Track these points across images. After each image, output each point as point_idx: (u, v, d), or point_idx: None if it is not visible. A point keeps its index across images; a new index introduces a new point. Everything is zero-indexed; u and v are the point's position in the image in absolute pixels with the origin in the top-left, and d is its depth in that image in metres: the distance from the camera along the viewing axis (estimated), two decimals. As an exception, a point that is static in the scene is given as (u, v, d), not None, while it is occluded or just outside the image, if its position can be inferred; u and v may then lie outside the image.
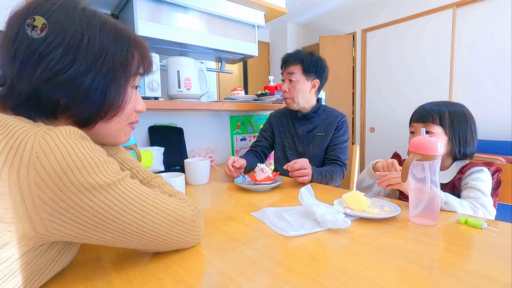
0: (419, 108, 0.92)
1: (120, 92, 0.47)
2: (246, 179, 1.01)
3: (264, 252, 0.51)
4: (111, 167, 0.40)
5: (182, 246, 0.51)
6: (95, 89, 0.43)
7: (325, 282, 0.41)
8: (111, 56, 0.44)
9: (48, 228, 0.35)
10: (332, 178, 1.14)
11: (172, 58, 1.32)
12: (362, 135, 3.87)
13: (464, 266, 0.45)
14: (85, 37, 0.41)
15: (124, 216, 0.40)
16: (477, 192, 0.77)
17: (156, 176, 0.56)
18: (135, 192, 0.42)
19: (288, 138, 1.37)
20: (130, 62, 0.48)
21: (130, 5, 1.21)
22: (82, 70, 0.41)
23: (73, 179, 0.35)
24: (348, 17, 3.87)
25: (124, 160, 0.56)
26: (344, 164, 1.24)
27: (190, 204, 0.51)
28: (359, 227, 0.62)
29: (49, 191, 0.34)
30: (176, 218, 0.46)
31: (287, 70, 1.28)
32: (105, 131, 0.49)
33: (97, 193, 0.37)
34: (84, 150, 0.37)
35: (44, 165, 0.34)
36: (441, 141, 0.86)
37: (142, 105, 0.55)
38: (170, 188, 0.55)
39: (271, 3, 1.54)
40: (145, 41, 0.52)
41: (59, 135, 0.36)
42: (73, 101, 0.42)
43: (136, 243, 0.43)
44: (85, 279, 0.44)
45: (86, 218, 0.37)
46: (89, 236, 0.39)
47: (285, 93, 1.30)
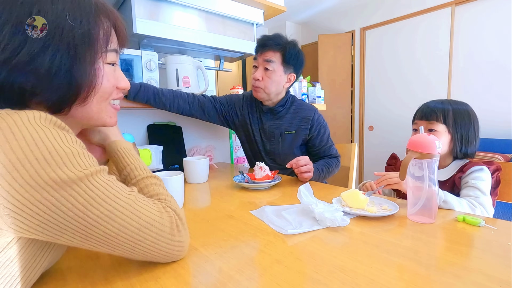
0: (423, 106, 0.92)
1: (88, 70, 0.41)
2: (245, 177, 1.02)
3: (263, 250, 0.51)
4: (83, 160, 0.36)
5: (162, 259, 0.44)
6: (58, 70, 0.38)
7: (323, 280, 0.41)
8: (69, 30, 0.38)
9: (9, 224, 0.32)
10: (329, 170, 1.14)
11: (171, 56, 1.32)
12: (361, 133, 3.87)
13: (461, 263, 0.45)
14: (35, 9, 0.36)
15: (89, 216, 0.35)
16: (477, 191, 0.78)
17: (149, 176, 0.51)
18: (105, 190, 0.37)
19: (256, 134, 1.24)
20: (94, 35, 0.41)
21: (128, 3, 1.20)
22: (37, 50, 0.36)
23: (31, 172, 0.31)
24: (347, 16, 3.86)
25: (125, 153, 0.52)
26: (337, 156, 1.23)
27: (169, 210, 0.45)
28: (357, 225, 0.62)
29: (6, 184, 0.30)
30: (148, 223, 0.40)
31: (264, 55, 1.12)
32: (84, 114, 0.44)
33: (59, 189, 0.33)
34: (51, 138, 0.33)
35: (0, 154, 0.30)
36: (444, 140, 0.86)
37: (126, 82, 0.49)
38: (156, 189, 0.49)
39: (270, 1, 1.54)
40: (112, 8, 0.45)
41: (23, 119, 0.32)
42: (37, 86, 0.38)
43: (106, 248, 0.38)
44: (84, 277, 0.44)
45: (47, 216, 0.33)
46: (54, 236, 0.35)
47: (257, 82, 1.13)
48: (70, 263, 0.47)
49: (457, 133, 0.86)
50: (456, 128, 0.86)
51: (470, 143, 0.87)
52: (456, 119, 0.86)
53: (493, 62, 2.74)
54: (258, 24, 1.60)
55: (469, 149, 0.87)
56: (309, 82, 1.98)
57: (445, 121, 0.86)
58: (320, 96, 1.96)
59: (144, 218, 0.40)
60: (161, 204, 0.45)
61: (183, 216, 0.47)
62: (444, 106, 0.88)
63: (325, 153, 1.23)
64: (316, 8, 3.86)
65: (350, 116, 3.94)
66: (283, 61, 1.13)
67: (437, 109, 0.87)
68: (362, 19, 3.70)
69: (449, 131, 0.87)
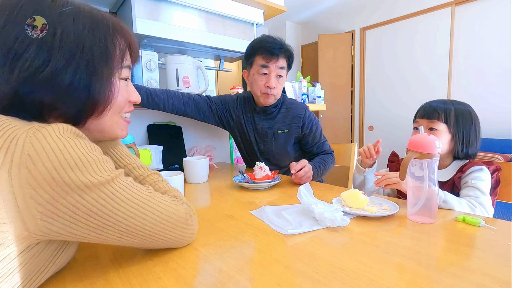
0: (425, 105, 0.92)
1: (105, 85, 0.44)
2: (245, 177, 1.02)
3: (263, 250, 0.51)
4: (105, 166, 0.39)
5: (176, 245, 0.50)
6: (77, 85, 0.41)
7: (323, 280, 0.41)
8: (89, 48, 0.41)
9: (41, 228, 0.35)
10: (326, 167, 1.15)
11: (171, 56, 1.32)
12: (361, 133, 3.87)
13: (461, 263, 0.45)
14: (58, 30, 0.39)
15: (117, 214, 0.39)
16: (476, 191, 0.78)
17: (152, 173, 0.55)
18: (128, 190, 0.42)
19: (250, 135, 1.25)
20: (112, 52, 0.45)
21: (128, 2, 1.20)
22: (60, 67, 0.39)
23: (65, 178, 0.34)
24: (347, 16, 3.86)
25: (121, 155, 0.55)
26: (331, 152, 1.23)
27: (183, 202, 0.51)
28: (357, 225, 0.62)
29: (41, 190, 0.33)
30: (168, 216, 0.46)
31: (278, 63, 1.10)
32: (98, 127, 0.47)
33: (90, 192, 0.37)
34: (77, 148, 0.36)
35: (36, 163, 0.33)
36: (444, 139, 0.86)
37: (137, 96, 0.53)
38: (165, 185, 0.54)
39: (270, 1, 1.54)
40: (127, 26, 0.49)
41: (51, 132, 0.35)
42: (57, 101, 0.40)
43: (128, 241, 0.43)
44: (84, 277, 0.44)
45: (78, 217, 0.36)
46: (82, 235, 0.38)
47: (272, 89, 1.11)
48: (70, 263, 0.47)
49: (458, 133, 0.86)
50: (457, 128, 0.86)
51: (471, 144, 0.86)
52: (458, 119, 0.86)
53: (493, 62, 2.75)
54: (258, 24, 1.60)
55: (470, 150, 0.87)
56: (309, 82, 1.98)
57: (447, 120, 0.86)
58: (320, 96, 1.96)
59: (163, 211, 0.45)
60: (175, 198, 0.50)
61: (193, 207, 0.53)
62: (446, 105, 0.87)
63: (318, 149, 1.23)
64: (316, 8, 3.86)
65: (350, 116, 3.94)
66: (288, 66, 1.16)
67: (439, 108, 0.87)
68: (362, 19, 3.70)
69: (449, 131, 0.86)
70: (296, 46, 4.46)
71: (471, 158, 0.88)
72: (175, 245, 0.50)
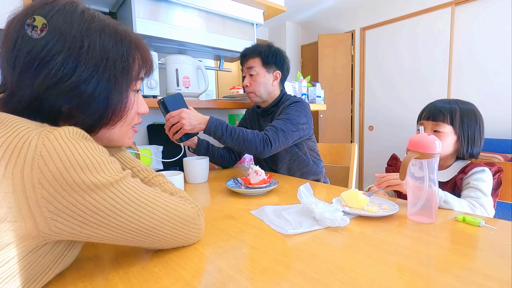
0: (429, 106, 0.90)
1: (122, 97, 0.46)
2: (239, 182, 0.95)
3: (263, 250, 0.51)
4: (113, 167, 0.40)
5: (183, 244, 0.51)
6: (98, 96, 0.43)
7: (323, 280, 0.41)
8: (113, 61, 0.43)
9: (51, 227, 0.35)
10: (239, 136, 1.01)
11: (171, 56, 1.32)
12: (361, 133, 3.87)
13: (461, 263, 0.45)
14: (85, 42, 0.41)
15: (126, 213, 0.40)
16: (478, 192, 0.78)
17: (157, 175, 0.56)
18: (136, 190, 0.42)
19: None
20: (132, 66, 0.47)
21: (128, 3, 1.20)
22: (84, 78, 0.41)
23: (76, 178, 0.35)
24: (347, 16, 3.86)
25: (125, 159, 0.56)
26: (274, 133, 1.05)
27: (190, 202, 0.52)
28: (357, 225, 0.62)
29: (52, 190, 0.34)
30: (177, 215, 0.47)
31: (246, 64, 1.24)
32: (108, 136, 0.49)
33: (99, 192, 0.37)
34: (87, 149, 0.37)
35: (48, 163, 0.34)
36: (450, 141, 0.85)
37: (145, 108, 0.55)
38: (171, 187, 0.55)
39: (270, 1, 1.54)
40: (145, 42, 0.51)
41: (62, 134, 0.36)
42: (76, 109, 0.42)
43: (137, 240, 0.43)
44: (84, 277, 0.44)
45: (88, 216, 0.37)
46: (91, 234, 0.39)
47: (246, 88, 1.26)
48: (70, 265, 0.47)
49: (464, 134, 0.85)
50: (463, 128, 0.85)
51: (475, 144, 0.86)
52: (463, 119, 0.85)
53: (493, 62, 2.74)
54: (258, 24, 1.60)
55: (475, 149, 0.86)
56: (309, 82, 1.98)
57: (452, 122, 0.85)
58: (320, 96, 1.96)
59: (171, 210, 0.46)
60: (182, 198, 0.51)
61: (200, 206, 0.54)
62: (451, 106, 0.86)
63: (273, 122, 1.11)
64: (316, 8, 3.86)
65: (350, 116, 3.93)
66: (263, 63, 1.22)
67: (444, 109, 0.86)
68: (362, 19, 3.70)
69: (455, 132, 0.86)
70: (296, 46, 4.46)
71: (474, 157, 0.88)
72: (182, 244, 0.51)
